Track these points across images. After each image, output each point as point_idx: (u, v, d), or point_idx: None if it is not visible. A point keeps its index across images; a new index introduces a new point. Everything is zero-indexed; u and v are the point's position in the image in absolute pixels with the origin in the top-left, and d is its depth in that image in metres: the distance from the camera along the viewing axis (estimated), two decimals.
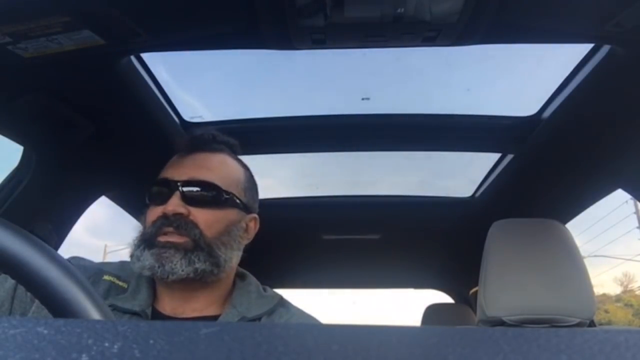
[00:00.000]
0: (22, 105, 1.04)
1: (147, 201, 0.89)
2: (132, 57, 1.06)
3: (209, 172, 0.88)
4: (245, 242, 0.92)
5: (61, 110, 1.10)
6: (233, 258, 0.88)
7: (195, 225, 0.83)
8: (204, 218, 0.85)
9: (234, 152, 0.97)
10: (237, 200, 0.90)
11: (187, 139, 0.95)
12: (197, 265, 0.81)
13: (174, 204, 0.83)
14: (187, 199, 0.84)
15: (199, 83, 1.55)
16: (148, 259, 0.81)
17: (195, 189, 0.86)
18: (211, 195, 0.87)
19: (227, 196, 0.89)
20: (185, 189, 0.85)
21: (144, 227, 0.87)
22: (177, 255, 0.81)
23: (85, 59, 0.95)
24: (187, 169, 0.87)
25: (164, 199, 0.85)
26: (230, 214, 0.89)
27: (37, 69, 0.95)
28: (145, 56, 1.11)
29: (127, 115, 1.21)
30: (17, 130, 1.12)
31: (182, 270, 0.80)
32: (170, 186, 0.85)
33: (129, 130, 1.27)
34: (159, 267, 0.80)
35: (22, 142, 1.16)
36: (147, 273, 0.82)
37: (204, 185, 0.86)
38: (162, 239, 0.82)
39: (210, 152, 0.93)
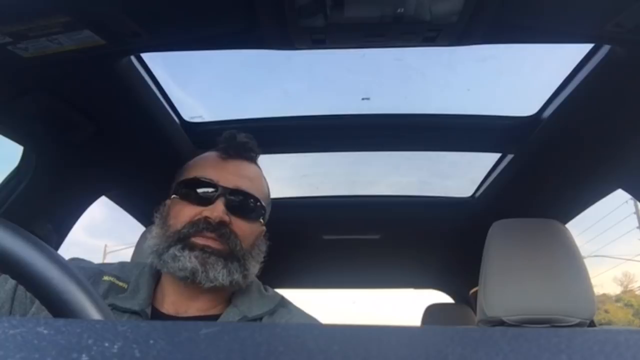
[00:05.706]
0: (22, 105, 1.04)
1: (178, 196, 0.87)
2: (132, 57, 1.06)
3: (251, 183, 0.88)
4: (263, 254, 0.92)
5: (61, 110, 1.10)
6: (256, 271, 0.88)
7: (235, 235, 0.83)
8: (242, 229, 0.84)
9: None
10: (265, 214, 0.92)
11: (230, 141, 0.92)
12: (234, 277, 0.81)
13: (220, 211, 0.82)
14: (230, 208, 0.83)
15: (199, 83, 1.55)
16: (191, 261, 0.79)
17: (239, 199, 0.85)
18: (251, 208, 0.87)
19: (263, 211, 0.90)
20: (230, 197, 0.84)
21: (169, 223, 0.85)
22: (219, 264, 0.80)
23: (85, 59, 0.94)
24: (231, 176, 0.86)
25: (205, 201, 0.83)
26: (258, 227, 0.90)
27: (37, 69, 0.95)
28: (145, 56, 1.11)
29: (127, 115, 1.21)
30: (17, 130, 1.12)
31: (223, 279, 0.80)
32: (215, 190, 0.84)
33: (129, 130, 1.27)
34: (202, 272, 0.79)
35: (22, 142, 1.16)
36: (183, 274, 0.79)
37: (248, 196, 0.86)
38: (200, 241, 0.81)
39: (248, 161, 0.92)
